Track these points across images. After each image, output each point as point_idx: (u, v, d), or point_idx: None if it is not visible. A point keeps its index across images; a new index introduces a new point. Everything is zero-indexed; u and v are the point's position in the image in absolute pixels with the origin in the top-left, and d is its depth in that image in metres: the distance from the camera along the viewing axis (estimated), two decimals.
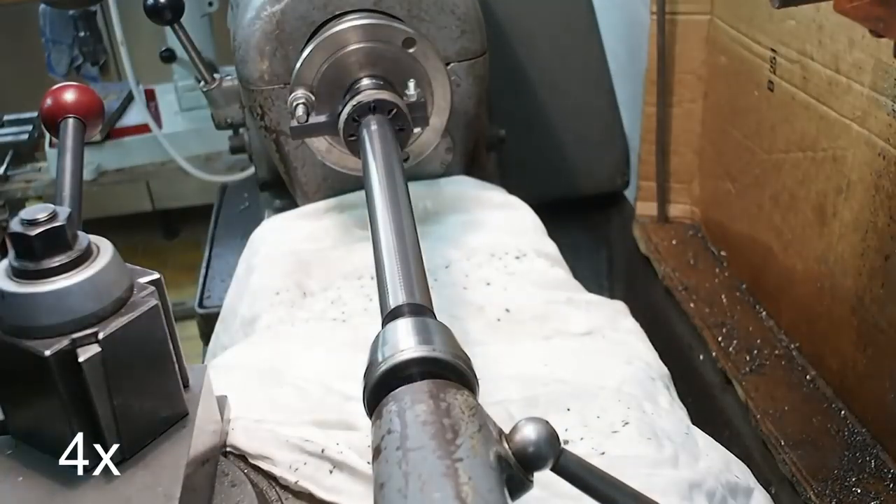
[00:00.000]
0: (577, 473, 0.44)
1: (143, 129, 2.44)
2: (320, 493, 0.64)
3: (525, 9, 1.49)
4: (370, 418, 0.46)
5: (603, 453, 0.68)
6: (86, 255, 0.50)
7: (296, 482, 0.64)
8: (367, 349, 0.49)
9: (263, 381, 0.76)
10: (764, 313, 1.21)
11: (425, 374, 0.46)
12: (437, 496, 0.38)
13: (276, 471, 0.65)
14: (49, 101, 0.70)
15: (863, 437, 0.97)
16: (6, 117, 2.27)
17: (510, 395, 0.73)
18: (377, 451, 0.43)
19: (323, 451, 0.65)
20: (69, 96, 0.71)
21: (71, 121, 0.69)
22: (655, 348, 0.85)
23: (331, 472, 0.65)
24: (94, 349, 0.49)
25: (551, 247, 0.99)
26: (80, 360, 0.49)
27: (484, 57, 0.98)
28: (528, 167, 1.44)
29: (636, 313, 0.90)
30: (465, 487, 0.38)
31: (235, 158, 2.01)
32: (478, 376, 0.48)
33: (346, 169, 0.94)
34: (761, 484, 0.73)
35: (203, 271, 1.43)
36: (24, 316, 0.49)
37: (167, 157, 2.33)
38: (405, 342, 0.47)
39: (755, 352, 1.14)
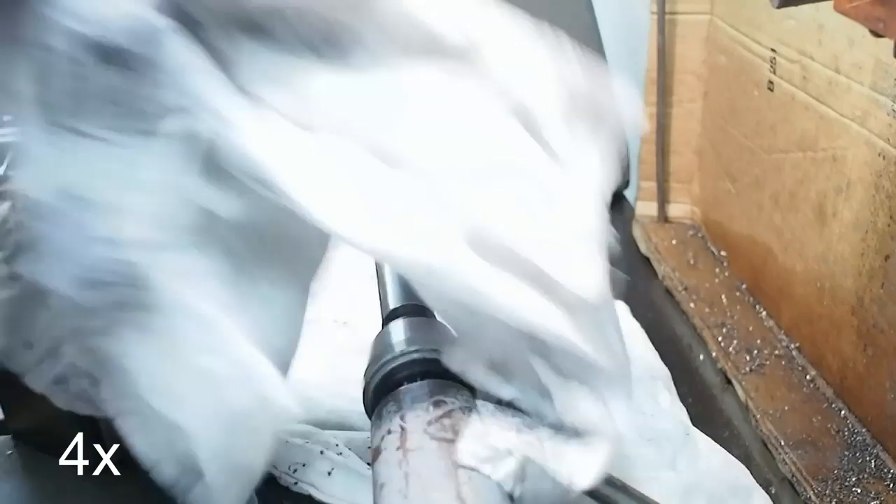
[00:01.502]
0: None
1: None
2: (319, 495, 0.64)
3: (525, 9, 1.49)
4: (370, 419, 0.46)
5: None
6: None
7: (295, 483, 0.64)
8: (368, 349, 0.49)
9: None
10: (764, 313, 1.21)
11: (425, 375, 0.46)
12: (437, 496, 0.38)
13: (276, 472, 0.65)
14: None
15: (863, 437, 0.97)
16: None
17: None
18: (377, 452, 0.43)
19: (322, 452, 0.65)
20: None
21: None
22: (655, 348, 0.85)
23: (329, 473, 0.65)
24: None
25: None
26: None
27: None
28: None
29: (636, 313, 0.90)
30: (465, 487, 0.38)
31: None
32: None
33: None
34: (761, 484, 0.73)
35: None
36: None
37: None
38: (405, 342, 0.47)
39: (755, 352, 1.14)
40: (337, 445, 0.66)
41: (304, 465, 0.65)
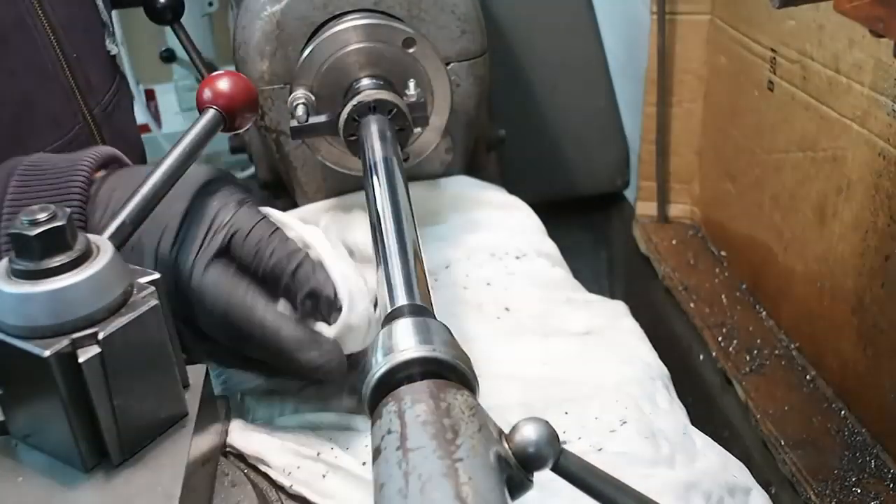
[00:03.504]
0: (577, 473, 0.44)
1: (143, 129, 2.44)
2: (314, 498, 0.64)
3: (525, 9, 1.49)
4: (370, 418, 0.46)
5: (600, 449, 0.68)
6: (86, 255, 0.50)
7: (290, 486, 0.64)
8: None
9: None
10: (764, 313, 1.21)
11: (425, 374, 0.46)
12: (437, 496, 0.38)
13: (272, 474, 0.65)
14: (205, 88, 0.67)
15: (863, 437, 0.97)
16: None
17: (508, 399, 0.73)
18: (377, 452, 0.43)
19: (318, 454, 0.65)
20: (219, 85, 0.67)
21: (210, 112, 0.66)
22: (655, 348, 0.85)
23: (324, 476, 0.65)
24: (94, 350, 0.49)
25: (551, 247, 0.99)
26: (80, 360, 0.49)
27: (484, 57, 0.98)
28: (528, 167, 1.44)
29: (636, 313, 0.90)
30: (465, 487, 0.38)
31: (235, 158, 2.02)
32: (477, 377, 0.48)
33: (346, 169, 0.94)
34: (761, 484, 0.73)
35: None
36: (24, 316, 0.49)
37: None
38: (405, 342, 0.47)
39: (755, 352, 1.14)
40: (332, 449, 0.66)
41: (298, 468, 0.65)
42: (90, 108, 0.87)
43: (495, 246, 0.95)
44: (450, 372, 0.46)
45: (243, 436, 0.67)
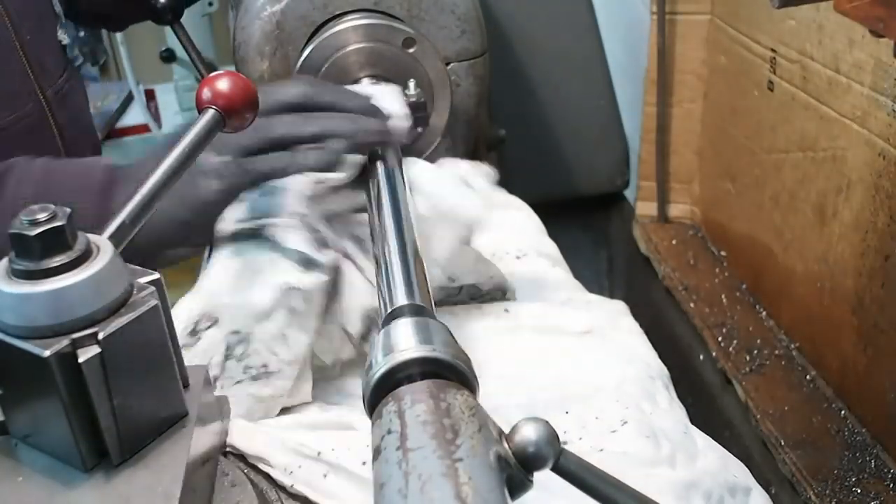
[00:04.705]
0: (577, 473, 0.44)
1: (143, 128, 2.44)
2: (315, 497, 0.64)
3: (525, 9, 1.49)
4: (370, 418, 0.46)
5: (601, 449, 0.68)
6: (85, 255, 0.50)
7: (291, 485, 0.64)
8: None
9: None
10: (764, 313, 1.21)
11: (425, 374, 0.46)
12: (437, 496, 0.38)
13: (273, 473, 0.65)
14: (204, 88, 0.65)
15: (863, 437, 0.97)
16: None
17: (508, 399, 0.73)
18: (377, 452, 0.43)
19: (319, 454, 0.65)
20: (219, 85, 0.65)
21: (210, 112, 0.65)
22: (655, 348, 0.85)
23: (325, 475, 0.65)
24: (94, 350, 0.49)
25: (551, 247, 0.99)
26: (80, 360, 0.48)
27: (484, 57, 0.98)
28: (528, 167, 1.44)
29: (636, 313, 0.90)
30: (465, 487, 0.38)
31: None
32: (477, 377, 0.48)
33: None
34: (761, 484, 0.73)
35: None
36: (24, 316, 0.49)
37: None
38: (405, 342, 0.48)
39: (755, 352, 1.14)
40: (334, 450, 0.66)
41: (299, 468, 0.65)
42: (44, 89, 0.91)
43: (495, 246, 0.95)
44: (450, 372, 0.46)
45: (244, 435, 0.66)
